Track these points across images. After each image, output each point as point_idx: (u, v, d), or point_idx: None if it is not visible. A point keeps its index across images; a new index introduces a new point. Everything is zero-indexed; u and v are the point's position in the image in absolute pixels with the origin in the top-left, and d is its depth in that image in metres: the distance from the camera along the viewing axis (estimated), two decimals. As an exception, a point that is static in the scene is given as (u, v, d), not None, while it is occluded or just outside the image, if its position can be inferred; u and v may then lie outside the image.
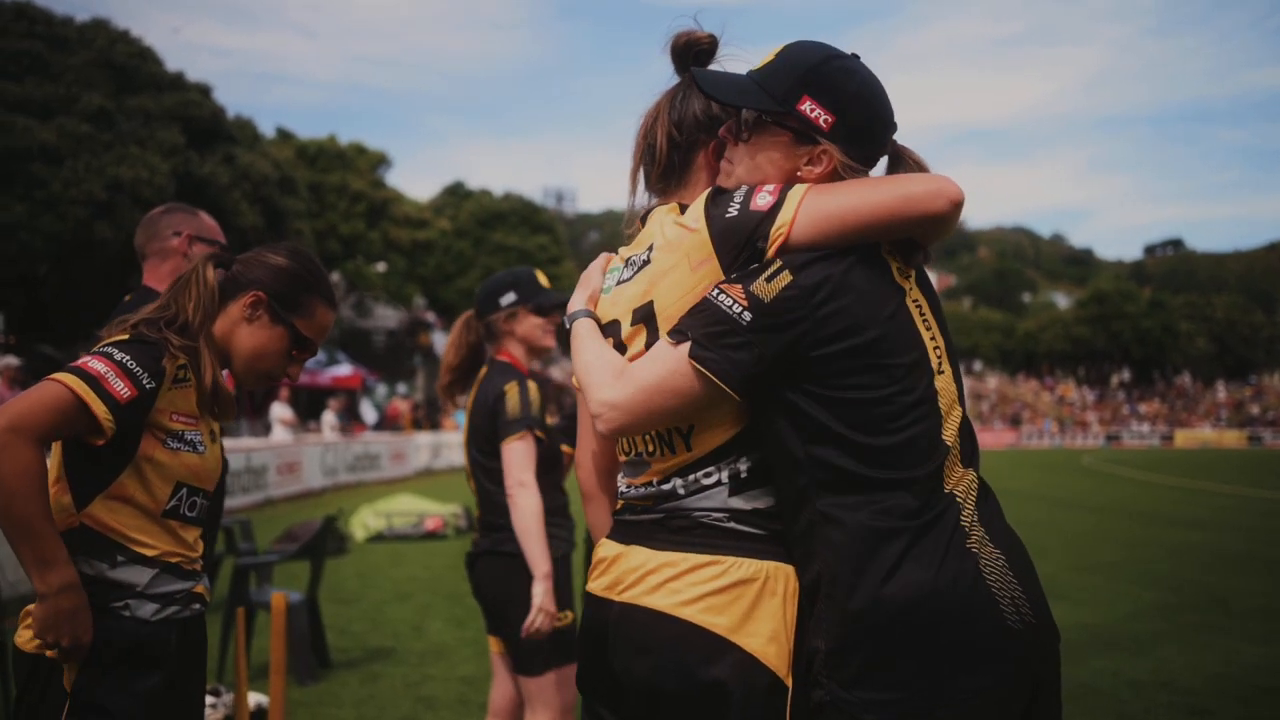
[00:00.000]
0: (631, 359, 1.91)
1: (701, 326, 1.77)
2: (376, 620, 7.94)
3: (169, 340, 2.22)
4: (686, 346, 1.77)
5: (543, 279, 3.88)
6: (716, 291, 1.78)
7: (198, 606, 2.33)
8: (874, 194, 1.79)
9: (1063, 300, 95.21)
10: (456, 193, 57.92)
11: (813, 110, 1.85)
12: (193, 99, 29.80)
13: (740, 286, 1.76)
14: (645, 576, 1.86)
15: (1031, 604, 1.75)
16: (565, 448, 3.90)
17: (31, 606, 2.14)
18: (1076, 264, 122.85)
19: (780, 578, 1.83)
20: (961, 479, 1.80)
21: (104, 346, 2.17)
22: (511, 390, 3.66)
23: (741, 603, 1.80)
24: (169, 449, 2.21)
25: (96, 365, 2.11)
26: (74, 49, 28.40)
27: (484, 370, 3.82)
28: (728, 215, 1.83)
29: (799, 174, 1.88)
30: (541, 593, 3.50)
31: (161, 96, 29.00)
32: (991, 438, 54.70)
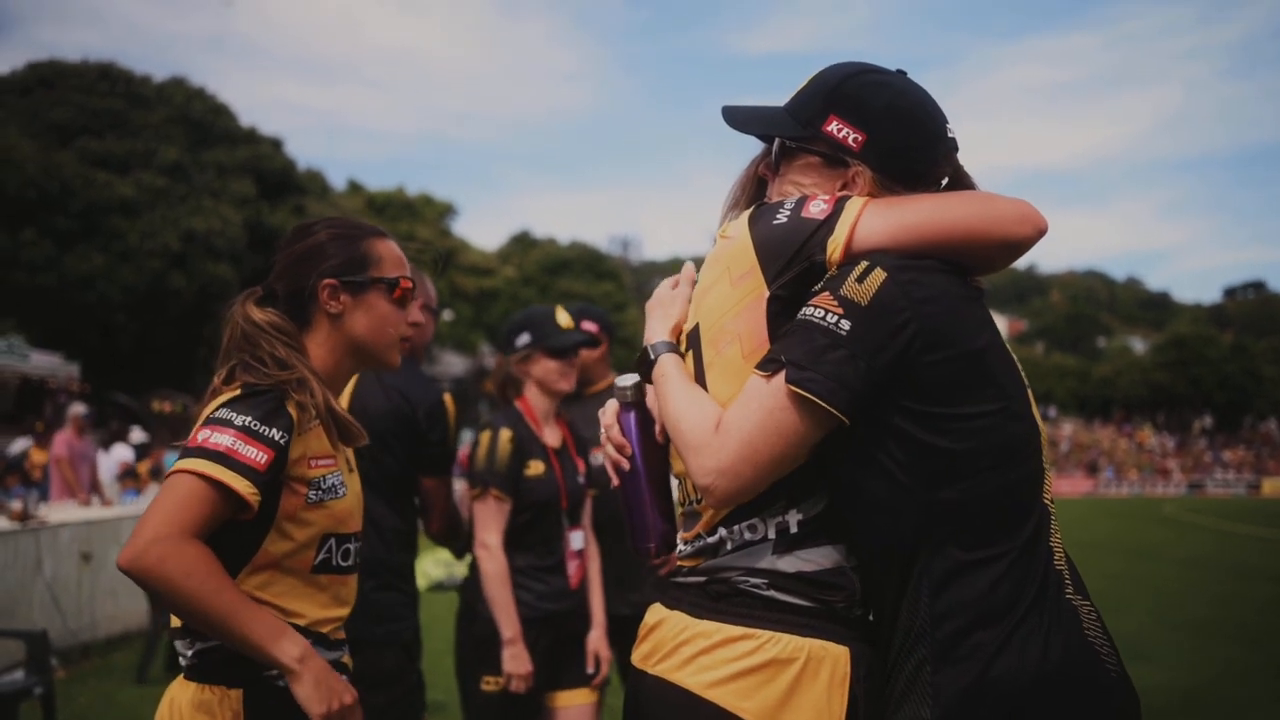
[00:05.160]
0: None
1: (796, 347, 1.53)
2: (431, 672, 7.67)
3: (283, 381, 1.97)
4: (782, 375, 1.53)
5: (563, 318, 3.67)
6: (806, 307, 1.57)
7: (345, 678, 2.06)
8: (957, 209, 1.61)
9: (1139, 345, 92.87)
10: (523, 241, 58.49)
11: (840, 130, 1.69)
12: (265, 152, 30.54)
13: (828, 294, 1.54)
14: (679, 647, 1.65)
15: (1116, 654, 1.59)
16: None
17: None
18: (1153, 307, 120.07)
19: (826, 660, 1.59)
20: (1048, 510, 1.61)
21: (219, 412, 1.92)
22: (482, 440, 3.50)
23: (775, 686, 1.58)
24: (310, 504, 1.98)
25: (220, 439, 1.86)
26: (153, 106, 29.32)
27: None
28: (775, 222, 1.63)
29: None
30: (508, 657, 3.36)
31: (235, 150, 29.76)
32: (1068, 485, 53.26)
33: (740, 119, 1.80)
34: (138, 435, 16.51)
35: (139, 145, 27.80)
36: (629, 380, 1.81)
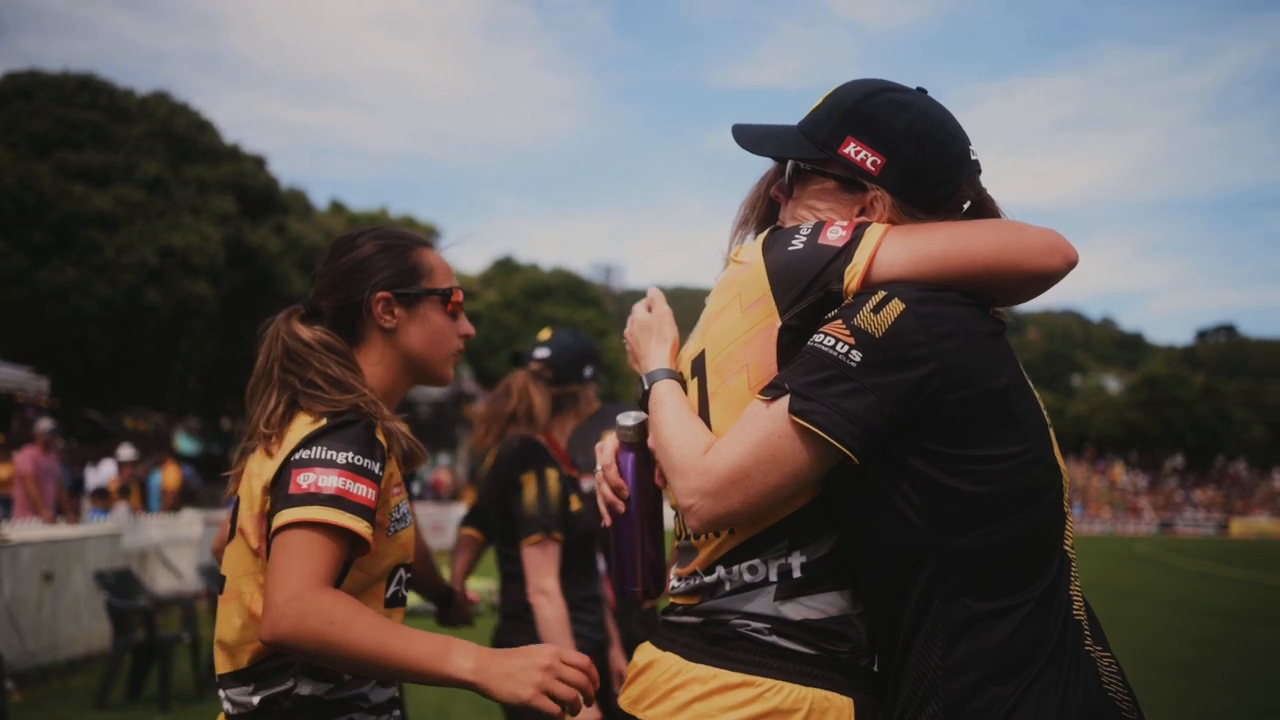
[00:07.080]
0: None
1: (801, 375, 1.45)
2: (410, 704, 7.57)
3: (364, 409, 1.85)
4: (784, 402, 1.44)
5: None
6: (816, 334, 1.48)
7: (398, 714, 2.01)
8: (982, 238, 1.52)
9: (1113, 384, 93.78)
10: (505, 265, 58.42)
11: (858, 152, 1.60)
12: (247, 169, 30.35)
13: (841, 322, 1.46)
14: (672, 692, 1.55)
15: (1136, 707, 1.52)
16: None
17: None
18: (1127, 348, 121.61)
19: (830, 711, 1.50)
20: (1068, 556, 1.53)
21: (313, 450, 1.78)
22: (529, 483, 3.36)
23: None
24: (389, 535, 1.87)
25: (328, 481, 1.74)
26: (134, 119, 29.10)
27: (501, 447, 3.51)
28: (790, 248, 1.54)
29: None
30: None
31: (217, 166, 29.56)
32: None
33: (752, 139, 1.72)
34: (126, 452, 16.13)
35: (119, 159, 27.54)
36: (630, 420, 1.74)
